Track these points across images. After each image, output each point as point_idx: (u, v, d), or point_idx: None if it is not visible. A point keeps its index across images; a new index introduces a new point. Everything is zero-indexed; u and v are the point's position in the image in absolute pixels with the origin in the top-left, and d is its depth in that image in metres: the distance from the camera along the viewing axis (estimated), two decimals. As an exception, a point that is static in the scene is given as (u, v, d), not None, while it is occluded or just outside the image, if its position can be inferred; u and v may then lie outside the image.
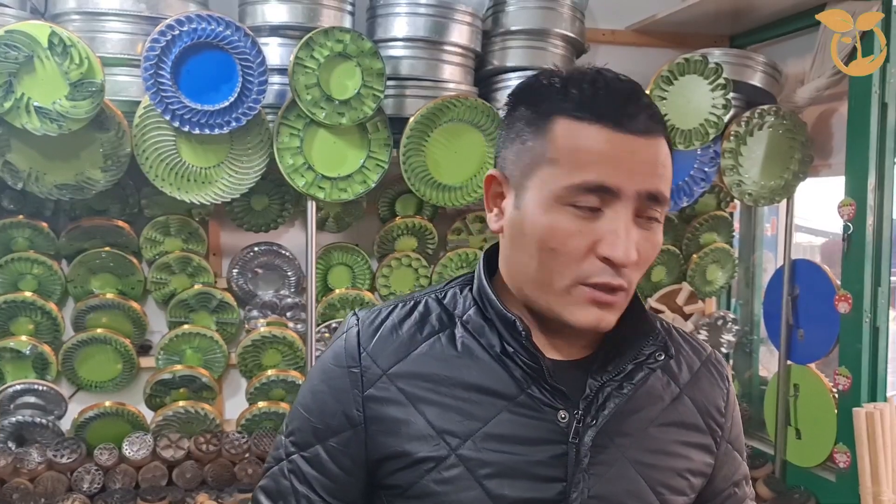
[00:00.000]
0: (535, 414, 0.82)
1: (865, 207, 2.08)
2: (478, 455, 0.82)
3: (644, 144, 0.78)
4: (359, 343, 0.87)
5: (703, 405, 0.92)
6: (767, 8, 2.30)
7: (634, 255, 0.78)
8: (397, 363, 0.85)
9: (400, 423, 0.83)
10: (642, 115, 0.78)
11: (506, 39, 2.18)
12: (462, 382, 0.84)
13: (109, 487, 2.04)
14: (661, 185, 0.80)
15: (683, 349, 0.94)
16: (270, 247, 2.25)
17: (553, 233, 0.79)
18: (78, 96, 1.69)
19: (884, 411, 2.06)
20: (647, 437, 0.86)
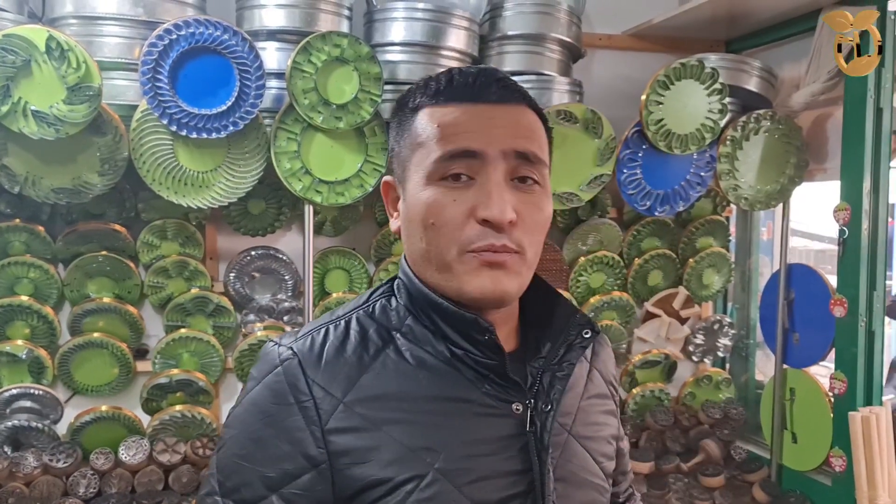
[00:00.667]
0: (495, 411, 0.83)
1: (861, 212, 2.08)
2: (457, 465, 0.80)
3: (501, 110, 0.83)
4: (304, 374, 0.81)
5: (606, 374, 1.00)
6: (763, 13, 2.32)
7: (511, 214, 0.79)
8: (352, 388, 0.81)
9: (369, 450, 0.79)
10: (493, 87, 0.84)
11: (503, 44, 2.19)
12: (424, 395, 0.82)
13: (105, 492, 2.04)
14: (525, 144, 0.82)
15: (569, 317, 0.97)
16: (267, 251, 2.24)
17: (431, 207, 0.81)
18: (75, 100, 1.69)
19: (879, 415, 2.06)
20: (581, 413, 0.93)
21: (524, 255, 0.82)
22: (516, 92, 0.86)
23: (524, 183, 0.83)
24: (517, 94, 0.85)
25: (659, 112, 2.14)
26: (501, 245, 0.80)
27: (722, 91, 2.16)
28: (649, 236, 2.56)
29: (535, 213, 0.83)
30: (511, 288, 0.82)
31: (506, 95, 0.84)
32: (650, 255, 2.53)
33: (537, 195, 0.84)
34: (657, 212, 2.27)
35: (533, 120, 0.86)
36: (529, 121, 0.85)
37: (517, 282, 0.83)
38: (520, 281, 0.83)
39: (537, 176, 0.84)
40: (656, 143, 2.15)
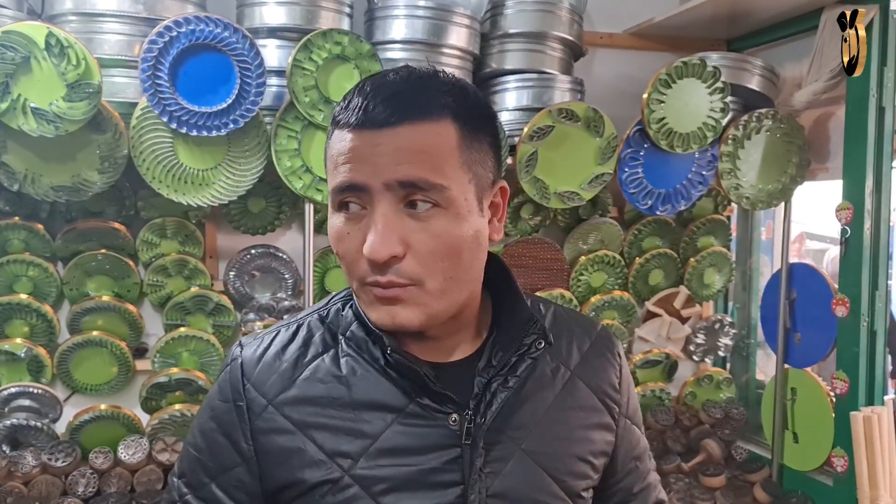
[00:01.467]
0: (427, 422, 0.82)
1: (863, 211, 2.08)
2: (371, 472, 0.81)
3: (387, 135, 0.76)
4: (242, 374, 0.86)
5: (596, 384, 0.92)
6: (765, 12, 2.31)
7: (388, 250, 0.75)
8: (283, 391, 0.84)
9: (291, 452, 0.83)
10: (380, 108, 0.77)
11: (504, 42, 2.18)
12: (349, 402, 0.83)
13: (104, 491, 2.03)
14: (410, 171, 0.76)
15: (572, 330, 0.95)
16: (267, 249, 2.24)
17: (333, 238, 0.82)
18: (75, 98, 1.68)
19: (881, 415, 2.06)
20: (541, 426, 0.87)
21: (422, 286, 0.78)
22: (409, 107, 0.77)
23: (421, 210, 0.77)
24: (410, 110, 0.77)
25: (660, 111, 2.13)
26: (387, 280, 0.77)
27: (724, 90, 2.16)
28: (650, 235, 2.55)
29: (429, 241, 0.77)
30: (411, 320, 0.79)
31: (393, 115, 0.76)
32: (651, 255, 2.53)
33: (434, 221, 0.77)
34: (658, 211, 2.26)
35: (430, 137, 0.77)
36: (421, 140, 0.77)
37: (420, 312, 0.79)
38: (425, 311, 0.79)
39: (435, 199, 0.77)
40: (658, 142, 2.15)
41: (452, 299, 0.81)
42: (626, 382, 0.97)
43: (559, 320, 0.95)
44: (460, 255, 0.79)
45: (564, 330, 0.94)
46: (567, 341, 0.93)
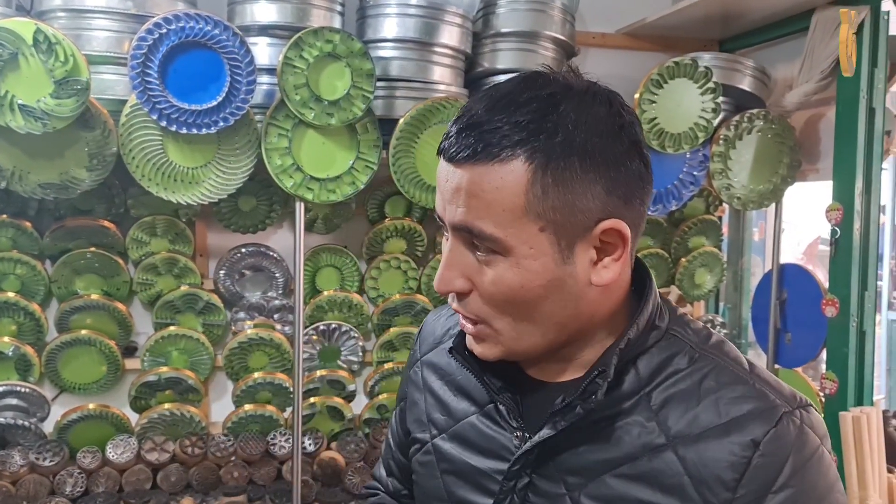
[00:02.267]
0: (496, 428, 0.84)
1: (853, 212, 2.08)
2: (444, 448, 0.89)
3: (453, 173, 0.73)
4: (420, 331, 1.02)
5: (700, 470, 0.72)
6: (756, 13, 2.31)
7: (447, 286, 0.76)
8: (428, 352, 0.98)
9: (413, 403, 0.97)
10: (453, 139, 0.73)
11: (496, 41, 2.18)
12: (454, 381, 0.91)
13: (92, 491, 2.02)
14: (464, 217, 0.72)
15: (706, 395, 0.75)
16: (258, 248, 2.23)
17: None
18: (63, 94, 1.67)
19: (870, 415, 2.06)
20: (601, 484, 0.76)
21: (489, 324, 0.77)
22: (476, 146, 0.71)
23: (482, 253, 0.74)
24: (474, 147, 0.71)
25: (652, 111, 2.13)
26: (455, 308, 0.80)
27: (715, 90, 2.16)
28: (642, 235, 2.55)
29: (488, 285, 0.74)
30: (485, 354, 0.80)
31: (461, 151, 0.72)
32: (642, 255, 2.53)
33: (493, 267, 0.73)
34: (650, 211, 2.26)
35: (490, 180, 0.71)
36: (479, 184, 0.71)
37: (495, 349, 0.79)
38: (500, 348, 0.78)
39: (494, 247, 0.73)
40: (649, 142, 2.15)
41: (532, 342, 0.77)
42: (761, 487, 0.71)
43: (702, 380, 0.76)
44: (528, 302, 0.74)
45: (700, 394, 0.75)
46: (691, 407, 0.75)
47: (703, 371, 0.77)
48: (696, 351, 0.78)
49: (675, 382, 0.76)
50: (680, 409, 0.75)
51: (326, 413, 2.27)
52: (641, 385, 0.77)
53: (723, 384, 0.76)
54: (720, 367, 0.77)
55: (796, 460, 0.71)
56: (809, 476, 0.71)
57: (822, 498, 0.72)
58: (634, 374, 0.77)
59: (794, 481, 0.71)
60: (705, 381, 0.76)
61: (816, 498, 0.72)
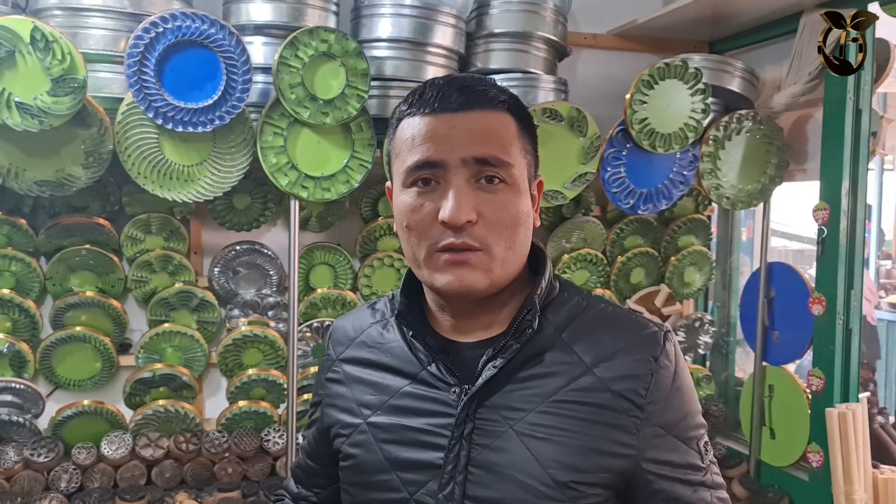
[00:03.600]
0: (431, 390, 0.94)
1: (839, 212, 2.12)
2: (381, 422, 0.96)
3: (461, 118, 0.89)
4: (330, 337, 1.10)
5: (615, 385, 0.89)
6: (746, 15, 2.34)
7: (465, 216, 0.86)
8: (345, 351, 1.06)
9: (338, 396, 1.04)
10: (454, 95, 0.89)
11: (489, 42, 2.20)
12: (379, 364, 1.00)
13: (87, 487, 2.03)
14: (484, 149, 0.88)
15: (611, 329, 0.93)
16: (252, 246, 2.24)
17: (405, 212, 0.91)
18: (60, 92, 1.68)
19: (856, 412, 2.10)
20: (538, 413, 0.90)
21: (489, 251, 0.88)
22: (479, 97, 0.90)
23: (490, 183, 0.89)
24: (479, 100, 0.90)
25: (643, 111, 2.16)
26: (461, 242, 0.87)
27: (705, 91, 2.19)
28: (632, 234, 2.58)
29: (498, 210, 0.88)
30: (477, 283, 0.89)
31: (466, 103, 0.89)
32: (633, 253, 2.56)
33: (502, 194, 0.89)
34: (640, 210, 2.29)
35: (497, 122, 0.90)
36: (491, 125, 0.90)
37: (486, 277, 0.89)
38: (490, 276, 0.89)
39: (503, 175, 0.89)
40: (640, 142, 2.18)
41: (510, 269, 0.91)
42: (663, 390, 0.90)
43: (597, 318, 0.95)
44: (519, 227, 0.90)
45: (599, 328, 0.94)
46: (595, 339, 0.92)
47: (597, 310, 0.97)
48: (585, 299, 0.98)
49: (579, 323, 0.95)
50: (589, 341, 0.93)
51: (320, 409, 2.28)
52: (553, 329, 0.94)
53: (615, 319, 0.96)
54: (607, 308, 0.98)
55: (677, 368, 0.93)
56: (685, 378, 0.95)
57: (692, 394, 0.96)
58: (546, 321, 0.94)
59: (679, 383, 0.93)
60: (601, 317, 0.96)
61: (690, 394, 0.95)
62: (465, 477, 0.89)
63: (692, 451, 0.93)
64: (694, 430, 0.94)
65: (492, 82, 0.94)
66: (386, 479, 0.94)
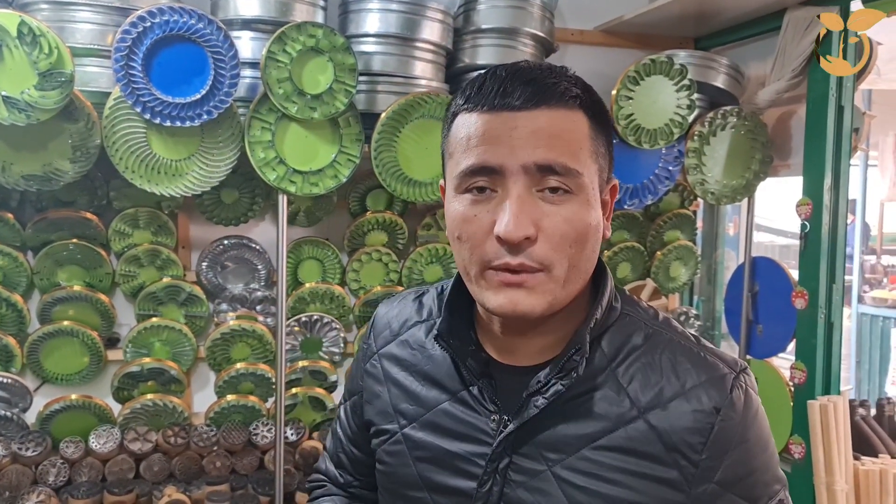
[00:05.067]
0: (471, 413, 0.87)
1: (822, 207, 2.15)
2: (417, 437, 0.91)
3: (525, 118, 0.77)
4: (372, 326, 1.04)
5: (669, 436, 0.80)
6: (731, 11, 2.37)
7: (523, 231, 0.76)
8: (386, 345, 0.99)
9: (375, 395, 0.98)
10: (518, 92, 0.77)
11: (476, 37, 2.21)
12: (420, 371, 0.93)
13: (76, 480, 2.03)
14: (549, 154, 0.77)
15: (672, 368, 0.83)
16: (240, 240, 2.25)
17: (456, 221, 0.81)
18: (47, 86, 1.67)
19: (837, 404, 2.13)
20: (580, 458, 0.81)
21: (550, 272, 0.78)
22: (546, 92, 0.78)
23: (554, 193, 0.78)
24: (547, 95, 0.78)
25: (629, 107, 2.18)
26: (518, 264, 0.77)
27: (690, 87, 2.21)
28: (618, 229, 2.61)
29: (562, 224, 0.77)
30: (533, 307, 0.78)
31: (531, 99, 0.77)
32: (619, 248, 2.58)
33: (567, 205, 0.78)
34: (626, 205, 2.31)
35: (566, 123, 0.78)
36: (559, 125, 0.78)
37: (543, 300, 0.79)
38: (547, 299, 0.79)
39: (569, 185, 0.78)
40: (626, 138, 2.20)
41: (572, 289, 0.81)
42: (725, 445, 0.79)
43: (659, 354, 0.84)
44: (586, 242, 0.80)
45: (659, 366, 0.83)
46: (654, 379, 0.82)
47: (660, 346, 0.85)
48: (649, 328, 0.86)
49: (637, 358, 0.84)
50: (645, 382, 0.82)
51: (308, 403, 2.29)
52: (607, 362, 0.84)
53: (678, 356, 0.84)
54: (672, 341, 0.85)
55: (746, 419, 0.81)
56: (755, 429, 0.82)
57: (766, 446, 0.83)
58: (600, 352, 0.84)
59: (747, 436, 0.81)
60: (663, 355, 0.84)
61: (762, 447, 0.82)
62: None
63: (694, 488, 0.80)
64: (763, 486, 0.82)
65: (564, 72, 0.82)
66: (419, 497, 0.90)
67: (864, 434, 2.29)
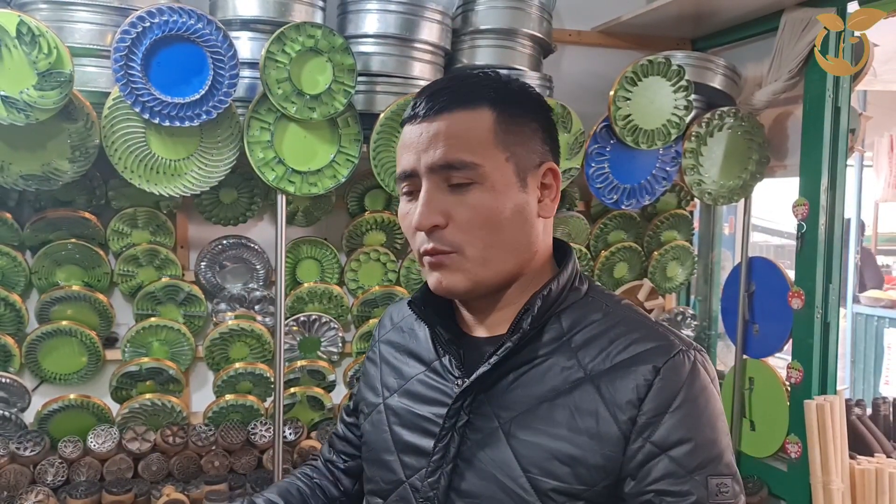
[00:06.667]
0: (441, 379, 0.97)
1: (818, 207, 2.16)
2: (395, 405, 1.01)
3: (426, 126, 0.90)
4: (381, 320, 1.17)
5: (613, 395, 0.85)
6: (728, 13, 2.38)
7: (429, 221, 0.88)
8: (386, 333, 1.12)
9: (367, 375, 1.11)
10: (424, 104, 0.91)
11: (475, 38, 2.22)
12: (406, 349, 1.06)
13: (74, 480, 2.03)
14: (446, 154, 0.88)
15: (623, 337, 0.89)
16: (239, 240, 2.25)
17: (400, 218, 0.96)
18: (46, 86, 1.67)
19: (833, 403, 2.14)
20: (529, 415, 0.88)
21: (462, 253, 0.89)
22: (451, 99, 0.89)
23: (460, 186, 0.89)
24: (450, 102, 0.89)
25: (626, 108, 2.19)
26: (431, 248, 0.90)
27: (687, 88, 2.21)
28: (616, 229, 2.61)
29: (467, 212, 0.88)
30: (457, 284, 0.90)
31: (434, 107, 0.89)
32: (616, 248, 2.59)
33: (471, 195, 0.88)
34: (624, 205, 2.32)
35: (464, 123, 0.89)
36: (456, 126, 0.89)
37: (465, 277, 0.90)
38: (469, 276, 0.90)
39: (472, 176, 0.88)
40: (624, 138, 2.20)
41: (497, 268, 0.91)
42: (662, 404, 0.84)
43: (613, 326, 0.90)
44: (499, 225, 0.89)
45: (611, 335, 0.89)
46: (604, 346, 0.89)
47: (615, 320, 0.92)
48: (609, 308, 0.94)
49: (591, 328, 0.92)
50: (595, 349, 0.90)
51: (306, 403, 2.30)
52: (563, 333, 0.92)
53: (631, 328, 0.91)
54: (628, 318, 0.93)
55: (689, 386, 0.85)
56: (700, 402, 0.85)
57: (711, 423, 0.85)
58: (558, 325, 0.92)
59: (688, 404, 0.84)
60: (616, 327, 0.91)
61: (705, 422, 0.85)
62: (452, 468, 0.91)
63: (696, 481, 0.82)
64: (706, 461, 0.83)
65: (478, 77, 0.93)
66: (390, 460, 0.99)
67: (860, 433, 2.30)
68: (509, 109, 0.91)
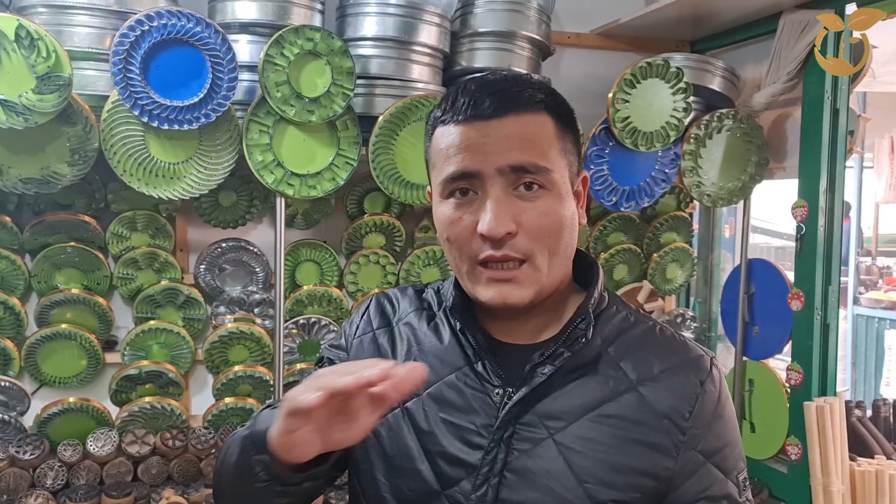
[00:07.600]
0: (476, 387, 0.92)
1: (817, 209, 2.16)
2: (419, 410, 0.94)
3: (495, 126, 0.86)
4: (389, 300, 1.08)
5: (659, 405, 0.89)
6: (726, 14, 2.38)
7: (504, 228, 0.85)
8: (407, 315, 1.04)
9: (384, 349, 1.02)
10: (486, 102, 0.86)
11: (473, 41, 2.22)
12: (426, 348, 0.98)
13: (73, 484, 2.03)
14: (521, 156, 0.86)
15: (657, 349, 0.93)
16: (238, 243, 2.25)
17: (444, 224, 0.90)
18: (45, 90, 1.68)
19: (833, 405, 2.14)
20: (579, 426, 0.88)
21: (532, 262, 0.87)
22: (512, 100, 0.87)
23: (529, 190, 0.87)
24: (513, 103, 0.87)
25: (625, 110, 2.19)
26: (502, 255, 0.86)
27: (686, 90, 2.22)
28: (615, 231, 2.61)
29: (538, 217, 0.86)
30: (522, 298, 0.88)
31: (500, 108, 0.86)
32: (616, 250, 2.59)
33: (542, 200, 0.87)
34: (623, 207, 2.32)
35: (533, 126, 0.87)
36: (527, 129, 0.87)
37: (531, 290, 0.88)
38: (535, 288, 0.88)
39: (542, 181, 0.87)
40: (623, 141, 2.20)
41: (556, 276, 0.91)
42: (706, 415, 0.90)
43: (644, 336, 0.95)
44: (562, 232, 0.89)
45: (646, 346, 0.93)
46: (643, 357, 0.92)
47: (644, 327, 0.96)
48: (632, 314, 0.98)
49: (627, 337, 0.94)
50: (635, 358, 0.92)
51: (306, 406, 2.29)
52: (600, 341, 0.92)
53: (661, 338, 0.95)
54: (654, 327, 0.97)
55: (721, 395, 0.93)
56: (728, 408, 0.93)
57: (735, 426, 0.94)
58: (596, 332, 0.93)
59: (723, 411, 0.92)
60: (648, 336, 0.95)
61: (732, 426, 0.94)
62: (499, 480, 0.88)
63: (731, 482, 0.90)
64: (734, 461, 0.91)
65: (528, 80, 0.91)
66: (419, 469, 0.92)
67: (860, 435, 2.30)
68: (561, 117, 0.91)
